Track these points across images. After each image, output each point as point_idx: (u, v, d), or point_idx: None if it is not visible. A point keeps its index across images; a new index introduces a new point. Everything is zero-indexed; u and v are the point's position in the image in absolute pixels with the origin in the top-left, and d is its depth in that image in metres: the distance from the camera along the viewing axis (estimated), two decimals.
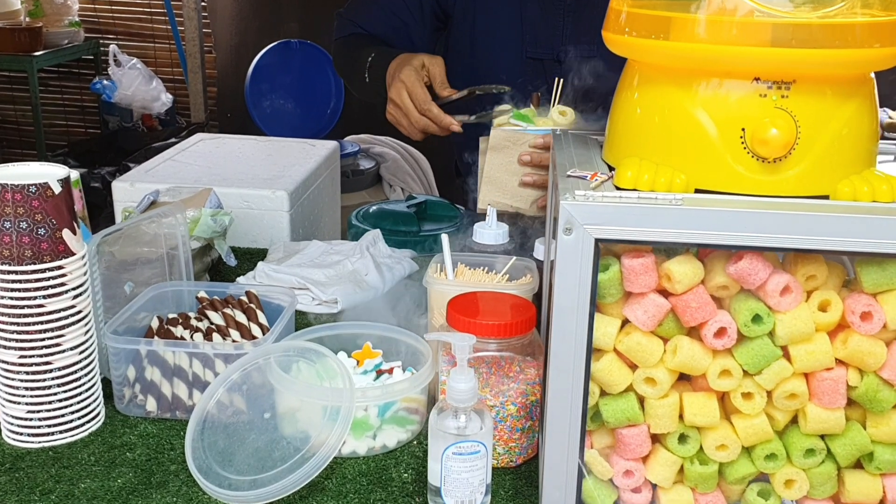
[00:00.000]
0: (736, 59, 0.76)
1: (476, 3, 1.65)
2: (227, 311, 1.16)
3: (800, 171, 0.78)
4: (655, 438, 0.84)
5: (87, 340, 1.02)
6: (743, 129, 0.77)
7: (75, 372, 1.01)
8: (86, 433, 1.03)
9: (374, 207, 1.90)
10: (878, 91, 0.83)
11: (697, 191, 0.80)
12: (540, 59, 1.63)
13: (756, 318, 0.78)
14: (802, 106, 0.77)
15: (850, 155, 0.80)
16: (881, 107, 3.12)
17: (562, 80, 1.33)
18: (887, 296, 0.78)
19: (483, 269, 1.20)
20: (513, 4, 1.62)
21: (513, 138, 1.30)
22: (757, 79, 0.77)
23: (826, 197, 0.79)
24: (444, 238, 1.21)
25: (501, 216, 1.30)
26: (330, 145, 2.02)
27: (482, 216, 1.29)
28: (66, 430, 1.02)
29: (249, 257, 1.56)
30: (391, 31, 1.70)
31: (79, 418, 1.02)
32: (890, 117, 2.99)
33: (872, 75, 0.82)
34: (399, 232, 1.76)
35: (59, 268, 0.96)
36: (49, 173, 0.98)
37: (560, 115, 1.31)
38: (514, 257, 1.20)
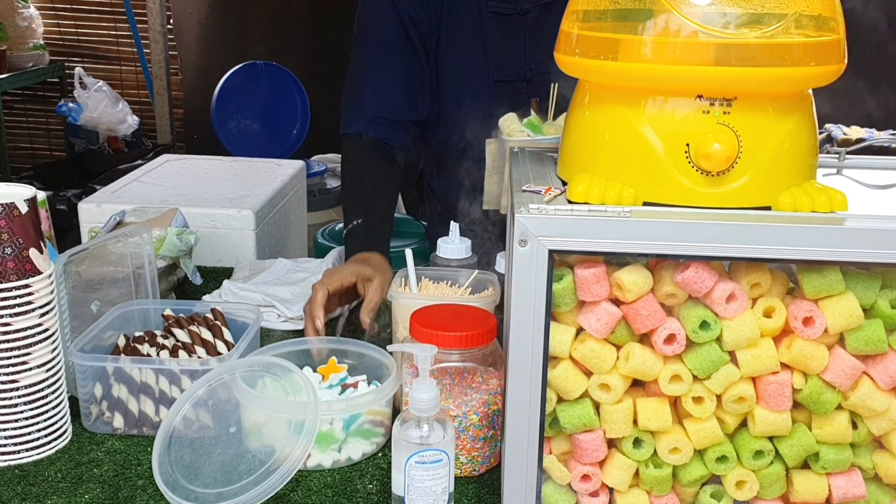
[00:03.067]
0: (680, 78, 0.80)
1: (439, 34, 1.65)
2: (193, 328, 1.17)
3: (742, 184, 0.82)
4: (611, 443, 0.87)
5: (53, 358, 1.03)
6: (687, 145, 0.81)
7: (42, 390, 1.02)
8: (52, 451, 1.04)
9: (340, 225, 1.92)
10: (833, 107, 0.87)
11: (646, 203, 0.83)
12: (507, 81, 1.65)
13: (703, 325, 0.81)
14: (744, 121, 0.81)
15: (791, 168, 0.84)
16: (835, 123, 3.18)
17: (556, 84, 1.34)
18: (828, 301, 0.81)
19: (446, 283, 1.23)
20: (475, 32, 1.63)
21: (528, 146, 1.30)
22: (700, 96, 0.81)
23: (768, 208, 0.83)
24: (408, 253, 1.24)
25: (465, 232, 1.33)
26: (296, 165, 2.05)
27: (445, 231, 1.32)
28: (33, 448, 1.02)
29: (215, 276, 1.58)
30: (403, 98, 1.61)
31: (45, 436, 1.03)
32: (844, 133, 3.07)
33: (810, 92, 0.87)
34: None
35: (26, 286, 0.97)
36: (16, 193, 0.99)
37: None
38: (477, 271, 1.23)
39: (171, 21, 4.00)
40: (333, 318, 1.34)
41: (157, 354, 1.14)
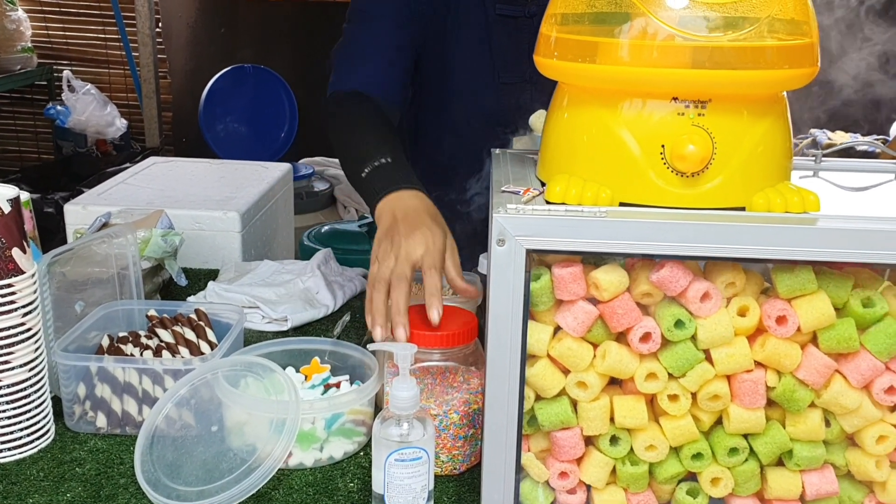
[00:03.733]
0: (655, 80, 0.81)
1: (445, 37, 1.64)
2: (177, 328, 1.18)
3: (717, 185, 0.83)
4: (588, 441, 0.88)
5: (36, 358, 1.03)
6: (663, 146, 0.82)
7: (24, 389, 1.02)
8: (35, 450, 1.04)
9: (327, 227, 1.93)
10: (817, 113, 0.89)
11: (622, 204, 0.84)
12: (512, 83, 1.65)
13: (678, 324, 0.82)
14: (718, 123, 0.82)
15: (765, 169, 0.85)
16: (820, 128, 3.20)
17: None
18: (801, 301, 0.83)
19: None
20: (482, 34, 1.62)
21: None
22: (675, 98, 0.82)
23: (742, 208, 0.84)
24: None
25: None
26: (283, 167, 2.05)
27: None
28: (15, 448, 1.03)
29: (201, 278, 1.58)
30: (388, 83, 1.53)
31: (27, 435, 1.03)
32: (829, 138, 3.10)
33: (785, 95, 0.88)
34: (351, 251, 1.79)
35: (9, 286, 0.98)
36: None
37: None
38: None
39: (160, 24, 4.01)
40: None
41: (141, 355, 1.14)
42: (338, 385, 1.11)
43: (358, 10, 1.62)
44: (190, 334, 1.17)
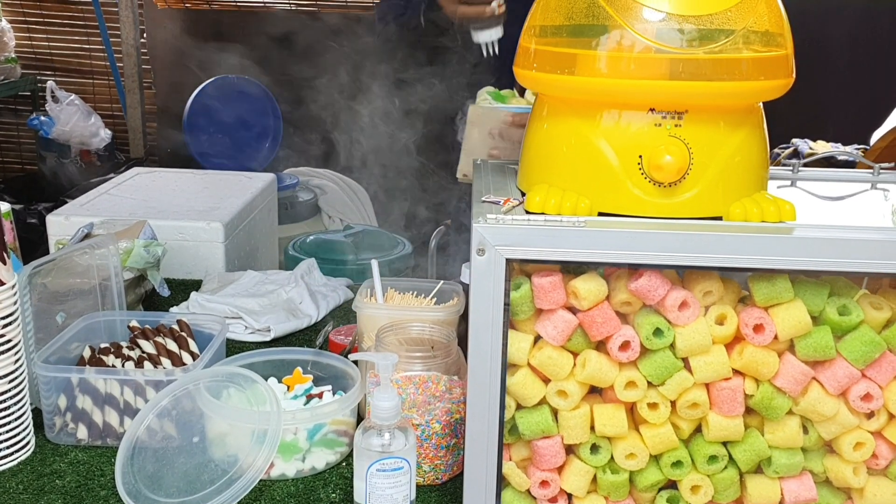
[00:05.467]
0: (633, 92, 0.82)
1: None
2: (159, 339, 1.18)
3: (694, 195, 0.84)
4: (569, 449, 0.89)
5: (16, 369, 1.03)
6: (640, 157, 0.83)
7: (4, 401, 1.01)
8: (14, 462, 1.04)
9: (312, 238, 1.93)
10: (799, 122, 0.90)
11: (601, 214, 0.85)
12: None
13: (657, 332, 0.83)
14: (694, 134, 0.83)
15: (741, 179, 0.86)
16: (801, 138, 3.21)
17: None
18: (777, 309, 0.84)
19: (412, 293, 1.24)
20: None
21: (488, 114, 1.39)
22: (652, 109, 0.83)
23: (719, 218, 0.85)
24: (374, 263, 1.25)
25: None
26: (266, 177, 2.05)
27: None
28: None
29: (184, 288, 1.58)
30: None
31: (7, 448, 1.03)
32: (811, 148, 3.13)
33: (761, 106, 0.89)
34: (336, 261, 1.80)
35: None
36: None
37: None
38: (442, 281, 1.24)
39: (145, 35, 4.00)
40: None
41: (123, 366, 1.14)
42: (320, 395, 1.11)
43: None
44: (172, 345, 1.17)
